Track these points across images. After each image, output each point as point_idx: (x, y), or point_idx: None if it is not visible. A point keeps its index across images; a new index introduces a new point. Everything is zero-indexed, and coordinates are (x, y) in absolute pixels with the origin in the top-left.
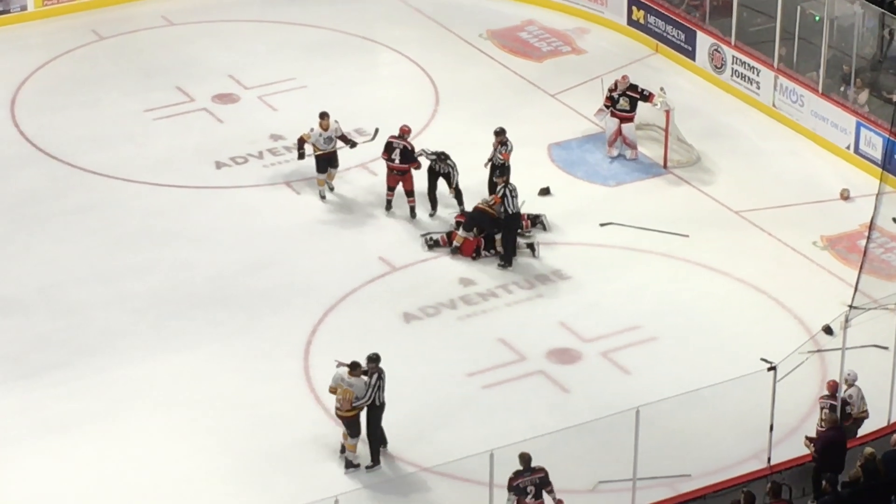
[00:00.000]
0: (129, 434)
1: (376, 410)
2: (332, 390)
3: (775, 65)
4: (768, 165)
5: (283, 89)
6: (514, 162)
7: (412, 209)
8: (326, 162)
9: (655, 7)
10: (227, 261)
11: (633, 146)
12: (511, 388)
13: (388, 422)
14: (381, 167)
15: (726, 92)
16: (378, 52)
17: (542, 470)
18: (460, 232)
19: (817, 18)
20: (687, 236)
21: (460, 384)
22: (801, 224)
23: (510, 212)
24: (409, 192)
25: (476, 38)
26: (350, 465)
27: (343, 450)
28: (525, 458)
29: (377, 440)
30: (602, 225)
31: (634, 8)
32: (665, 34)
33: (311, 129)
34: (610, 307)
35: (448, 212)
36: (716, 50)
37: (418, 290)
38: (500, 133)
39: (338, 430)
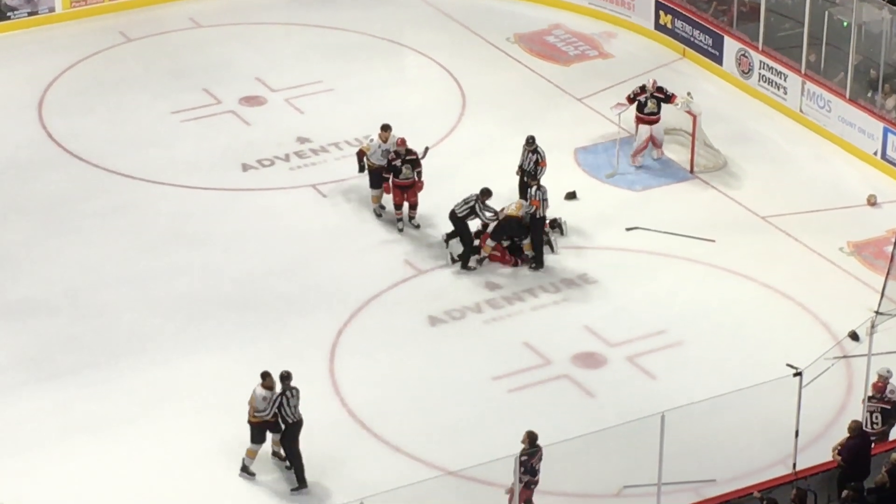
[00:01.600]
0: (155, 436)
1: (291, 429)
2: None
3: (803, 70)
4: (795, 171)
5: (310, 92)
6: None
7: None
8: (381, 177)
9: (683, 11)
10: (254, 263)
11: (658, 145)
12: (536, 393)
13: (414, 425)
14: None
15: (753, 97)
16: (405, 55)
17: (540, 447)
18: (489, 242)
19: (845, 24)
20: (713, 241)
21: (485, 388)
22: (827, 229)
23: (539, 215)
24: (395, 204)
25: (503, 42)
26: (245, 469)
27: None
28: (533, 437)
29: (298, 459)
30: (628, 229)
31: (662, 12)
32: (692, 39)
33: (371, 140)
34: (636, 312)
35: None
36: (743, 55)
37: (444, 294)
38: (530, 142)
39: (360, 434)
